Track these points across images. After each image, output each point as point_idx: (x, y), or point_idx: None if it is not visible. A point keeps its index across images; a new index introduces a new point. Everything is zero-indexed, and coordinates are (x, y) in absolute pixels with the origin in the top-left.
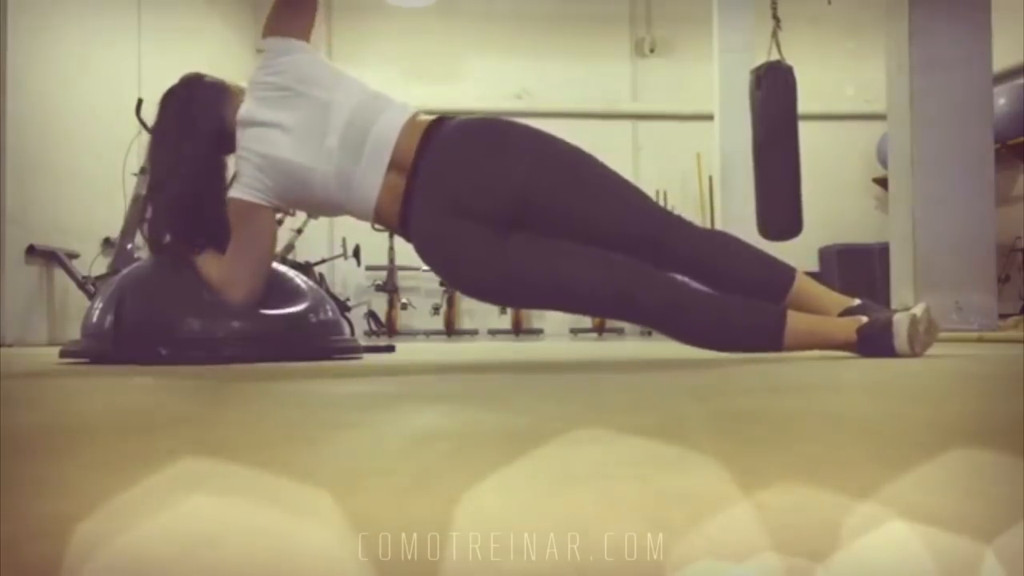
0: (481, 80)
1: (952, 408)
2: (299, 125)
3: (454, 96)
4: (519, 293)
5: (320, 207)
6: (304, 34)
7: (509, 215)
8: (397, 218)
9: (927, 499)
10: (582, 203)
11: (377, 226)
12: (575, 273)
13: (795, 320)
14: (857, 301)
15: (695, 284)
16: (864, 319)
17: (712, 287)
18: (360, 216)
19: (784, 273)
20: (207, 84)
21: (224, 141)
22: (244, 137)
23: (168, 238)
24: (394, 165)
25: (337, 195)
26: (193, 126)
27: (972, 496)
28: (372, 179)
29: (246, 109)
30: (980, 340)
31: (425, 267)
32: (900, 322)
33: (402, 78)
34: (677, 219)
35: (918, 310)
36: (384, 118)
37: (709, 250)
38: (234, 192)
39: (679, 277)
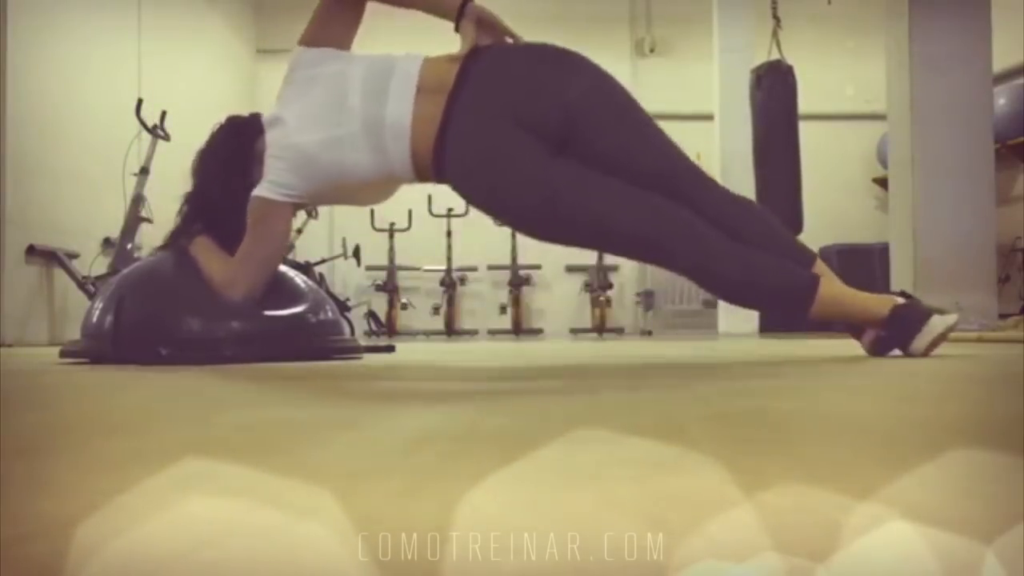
0: None
1: (952, 408)
2: (318, 101)
3: None
4: (557, 222)
5: (353, 181)
6: (343, 43)
7: (558, 133)
8: (433, 143)
9: (927, 499)
10: (627, 138)
11: (414, 182)
12: (616, 209)
13: (828, 286)
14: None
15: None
16: (902, 300)
17: None
18: (397, 160)
19: (805, 252)
20: (245, 117)
21: (250, 167)
22: (269, 138)
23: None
24: (425, 89)
25: (367, 152)
26: (224, 154)
27: (972, 496)
28: (403, 107)
29: (271, 113)
30: (980, 340)
31: (425, 266)
32: (935, 325)
33: None
34: (711, 179)
35: (952, 320)
36: (402, 60)
37: (736, 215)
38: (257, 191)
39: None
